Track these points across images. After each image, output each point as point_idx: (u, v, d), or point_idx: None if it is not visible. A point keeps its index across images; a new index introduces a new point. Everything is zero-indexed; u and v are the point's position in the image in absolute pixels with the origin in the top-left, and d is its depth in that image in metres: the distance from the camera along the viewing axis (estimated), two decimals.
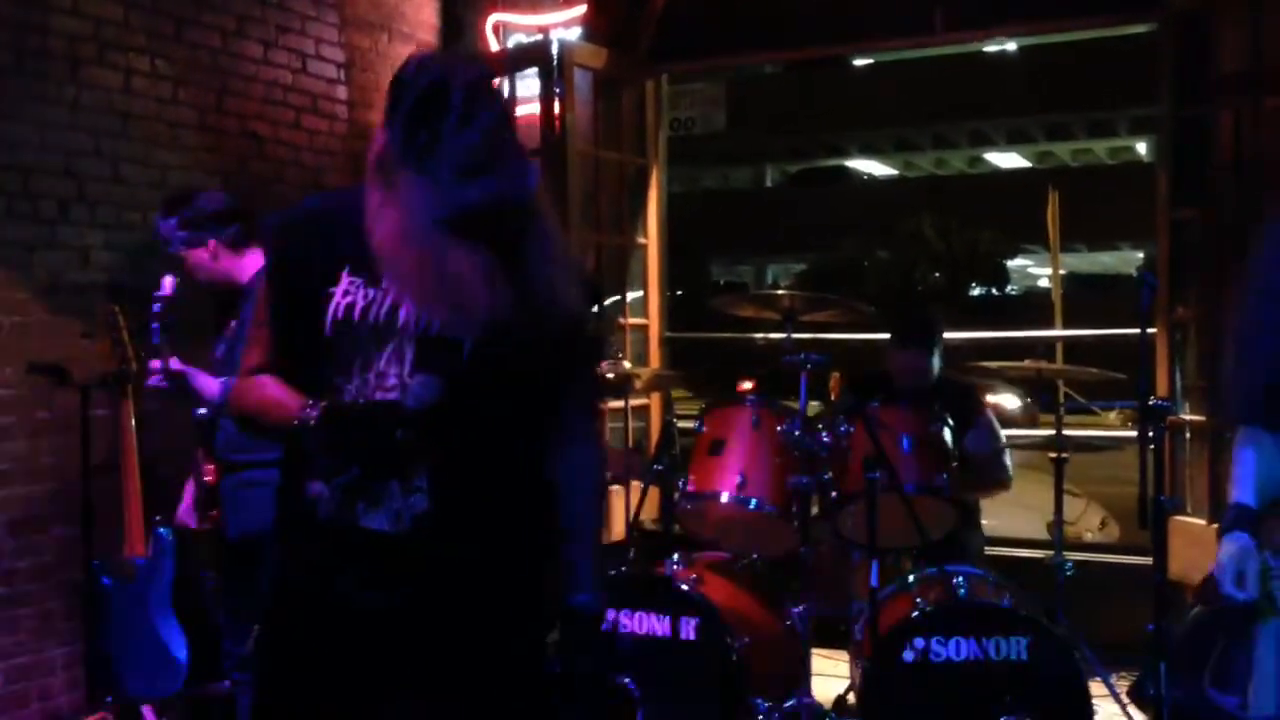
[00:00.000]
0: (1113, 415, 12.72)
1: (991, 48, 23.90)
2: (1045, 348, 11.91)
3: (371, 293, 1.90)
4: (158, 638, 3.63)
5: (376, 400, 1.87)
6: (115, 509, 3.70)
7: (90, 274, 4.04)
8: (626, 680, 3.51)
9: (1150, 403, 3.25)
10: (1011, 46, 24.29)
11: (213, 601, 3.61)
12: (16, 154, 3.83)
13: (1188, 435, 4.56)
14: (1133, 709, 3.78)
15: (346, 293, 1.91)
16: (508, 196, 1.80)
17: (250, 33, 4.64)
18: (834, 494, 3.59)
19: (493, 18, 5.59)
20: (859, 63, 26.11)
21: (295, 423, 1.88)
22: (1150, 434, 3.24)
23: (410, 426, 1.82)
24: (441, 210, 1.78)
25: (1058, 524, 4.07)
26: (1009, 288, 27.99)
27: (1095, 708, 3.36)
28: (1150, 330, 4.33)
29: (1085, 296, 17.53)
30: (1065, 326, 13.54)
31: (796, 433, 3.54)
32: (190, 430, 3.48)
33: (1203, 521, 4.31)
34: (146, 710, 3.71)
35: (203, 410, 3.26)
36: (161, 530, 3.66)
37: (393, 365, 1.89)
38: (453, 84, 1.77)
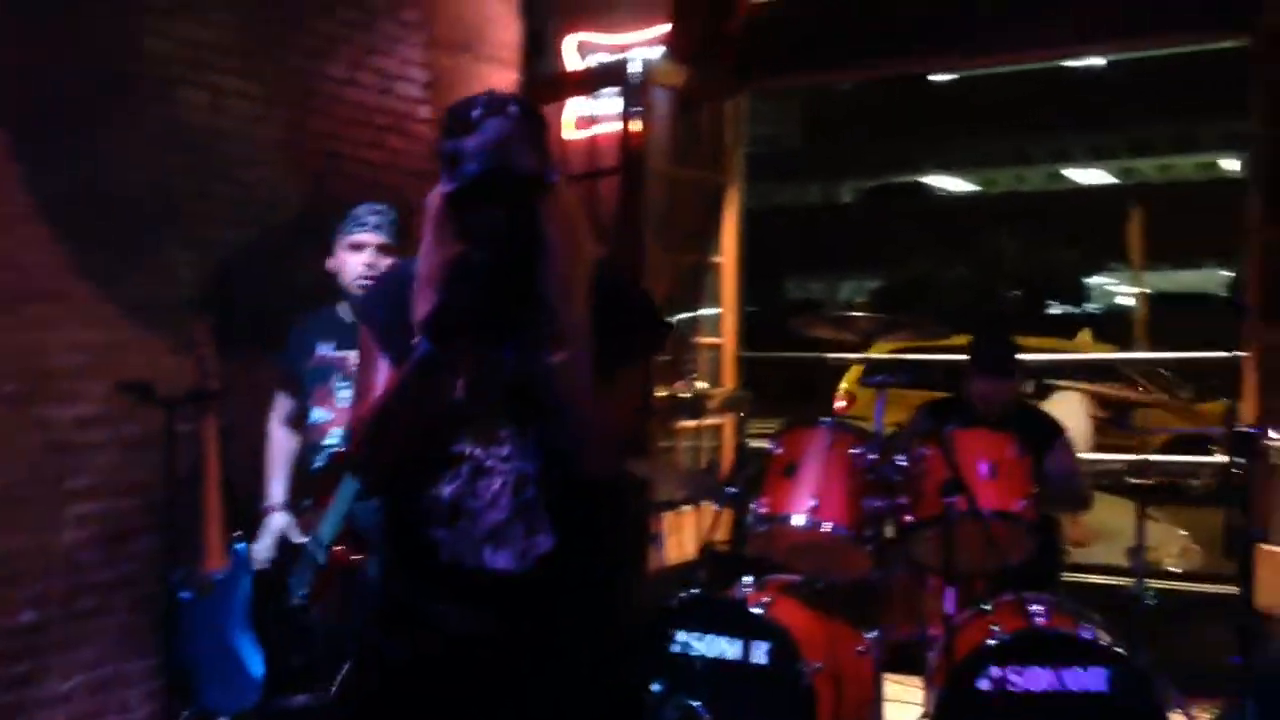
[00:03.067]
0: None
1: (1074, 62, 23.57)
2: (1133, 368, 11.70)
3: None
4: (234, 652, 3.68)
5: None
6: (198, 524, 3.77)
7: (178, 291, 4.11)
8: (697, 704, 3.49)
9: (1238, 429, 3.18)
10: (1100, 61, 23.93)
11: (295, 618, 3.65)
12: (109, 172, 3.92)
13: (1274, 462, 4.44)
14: None
15: None
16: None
17: (337, 53, 4.71)
18: (909, 518, 3.55)
19: (575, 37, 5.62)
20: (937, 77, 25.86)
21: (416, 348, 1.88)
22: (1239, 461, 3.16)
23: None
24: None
25: (1139, 551, 3.97)
26: (1089, 305, 27.47)
27: None
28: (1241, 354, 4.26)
29: (1169, 315, 17.14)
30: (1150, 347, 13.27)
31: (871, 456, 3.51)
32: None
33: None
34: None
35: None
36: (239, 545, 3.72)
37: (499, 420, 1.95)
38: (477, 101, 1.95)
